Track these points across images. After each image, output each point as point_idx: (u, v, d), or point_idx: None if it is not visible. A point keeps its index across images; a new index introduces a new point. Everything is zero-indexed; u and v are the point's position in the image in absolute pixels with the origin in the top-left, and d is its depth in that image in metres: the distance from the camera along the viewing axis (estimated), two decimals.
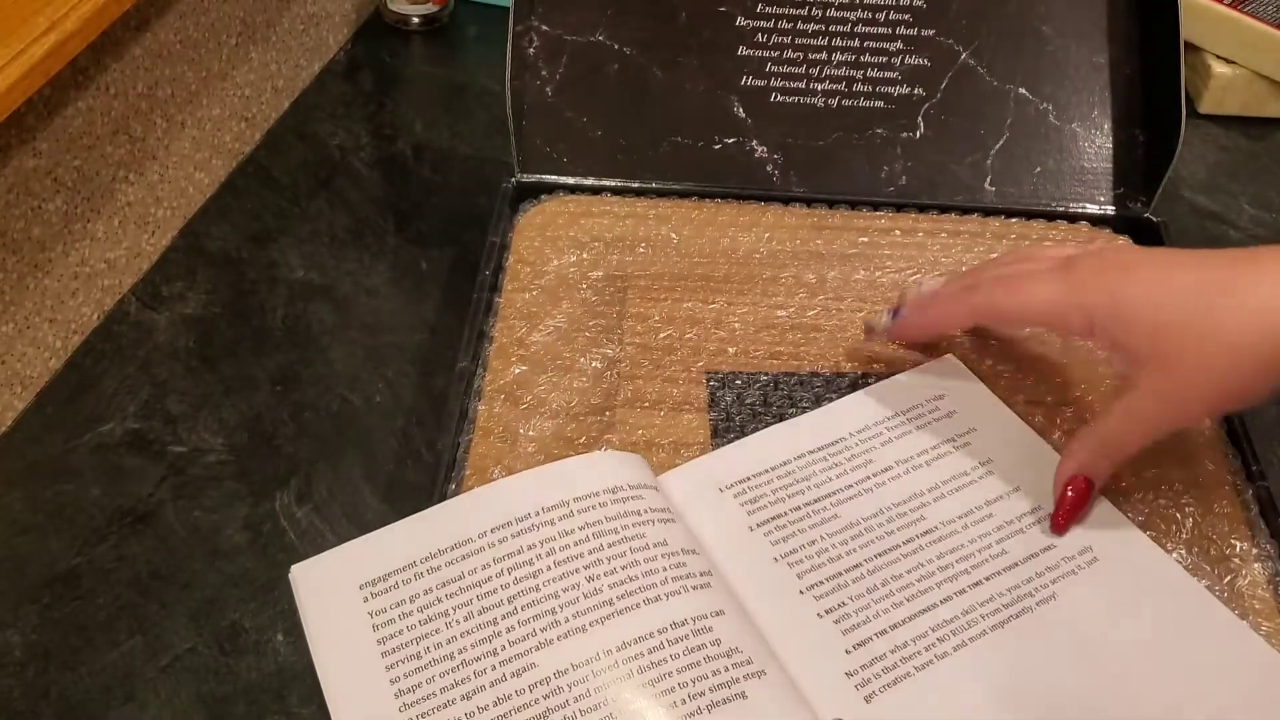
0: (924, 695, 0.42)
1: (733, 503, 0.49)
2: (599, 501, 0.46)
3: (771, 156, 0.66)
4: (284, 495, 0.57)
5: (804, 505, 0.49)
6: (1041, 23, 0.66)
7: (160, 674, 0.50)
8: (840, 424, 0.52)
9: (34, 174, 0.58)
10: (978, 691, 0.42)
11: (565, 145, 0.66)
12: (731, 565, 0.46)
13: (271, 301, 0.66)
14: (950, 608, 0.45)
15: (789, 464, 0.50)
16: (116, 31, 0.62)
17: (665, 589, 0.43)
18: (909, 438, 0.51)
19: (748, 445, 0.51)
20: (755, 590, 0.45)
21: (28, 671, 0.50)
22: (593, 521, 0.45)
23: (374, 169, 0.76)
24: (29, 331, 0.60)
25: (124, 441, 0.59)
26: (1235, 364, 0.43)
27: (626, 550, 0.44)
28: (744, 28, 0.66)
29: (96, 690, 0.49)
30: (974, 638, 0.44)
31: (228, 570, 0.54)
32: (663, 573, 0.44)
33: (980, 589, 0.46)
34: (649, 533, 0.45)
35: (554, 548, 0.44)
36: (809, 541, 0.47)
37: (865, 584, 0.46)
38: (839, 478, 0.50)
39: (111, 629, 0.51)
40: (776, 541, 0.47)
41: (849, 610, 0.45)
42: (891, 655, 0.43)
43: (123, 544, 0.54)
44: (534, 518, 0.45)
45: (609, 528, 0.45)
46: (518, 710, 0.40)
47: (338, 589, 0.44)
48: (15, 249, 0.58)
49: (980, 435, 0.52)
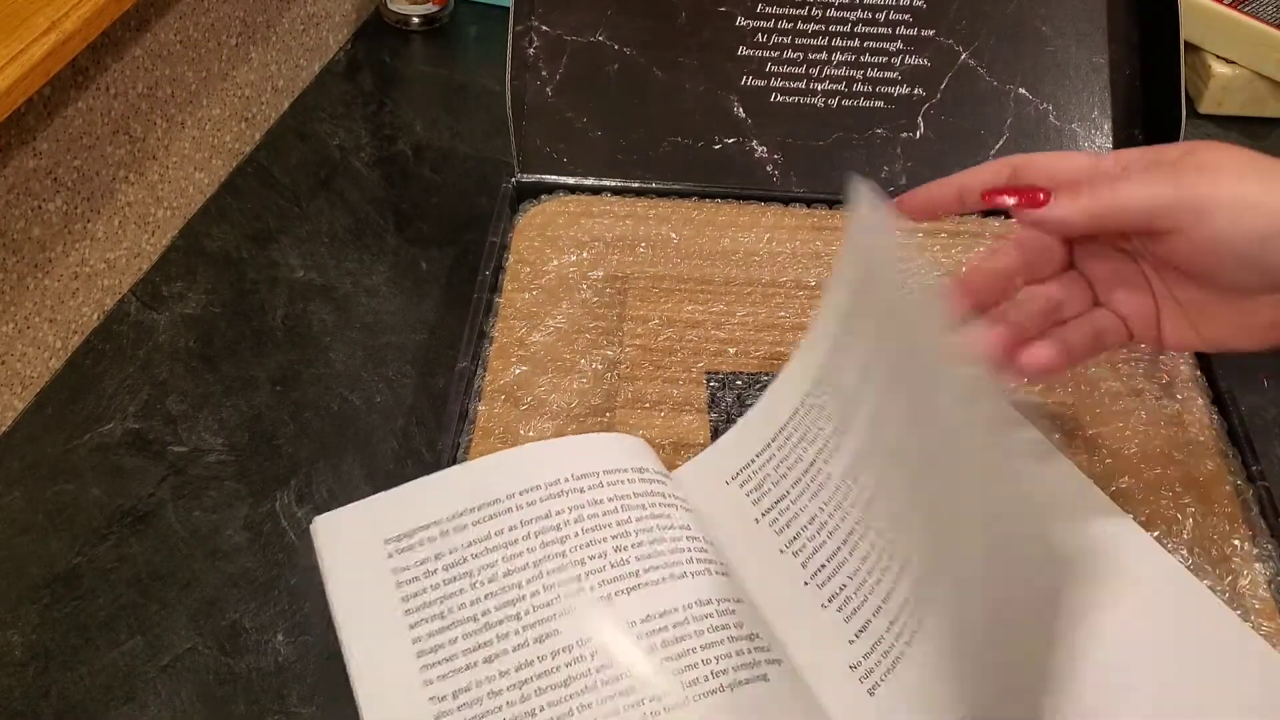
0: (919, 674, 0.42)
1: (739, 493, 0.48)
2: (627, 477, 0.45)
3: (772, 157, 0.66)
4: (284, 495, 0.57)
5: (801, 476, 0.48)
6: (1041, 23, 0.66)
7: (160, 674, 0.50)
8: (804, 377, 0.49)
9: (34, 174, 0.58)
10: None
11: (565, 145, 0.66)
12: (741, 559, 0.46)
13: (272, 302, 0.66)
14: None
15: (780, 434, 0.49)
16: (116, 31, 0.62)
17: (690, 568, 0.43)
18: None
19: (743, 429, 0.51)
20: (763, 584, 0.45)
21: (28, 671, 0.50)
22: (622, 495, 0.45)
23: (374, 169, 0.76)
24: (29, 331, 0.60)
25: (124, 441, 0.59)
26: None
27: (654, 526, 0.44)
28: (744, 28, 0.66)
29: (96, 690, 0.49)
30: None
31: (228, 570, 0.54)
32: (688, 553, 0.43)
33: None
34: (674, 516, 0.45)
35: (583, 514, 0.44)
36: (809, 520, 0.46)
37: (860, 553, 0.45)
38: (821, 431, 0.47)
39: (112, 629, 0.51)
40: (781, 529, 0.47)
41: (849, 594, 0.44)
42: (888, 635, 0.43)
43: (123, 544, 0.54)
44: (564, 484, 0.45)
45: (636, 503, 0.44)
46: (540, 676, 0.40)
47: (361, 543, 0.43)
48: (15, 249, 0.58)
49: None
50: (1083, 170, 0.43)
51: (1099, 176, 0.42)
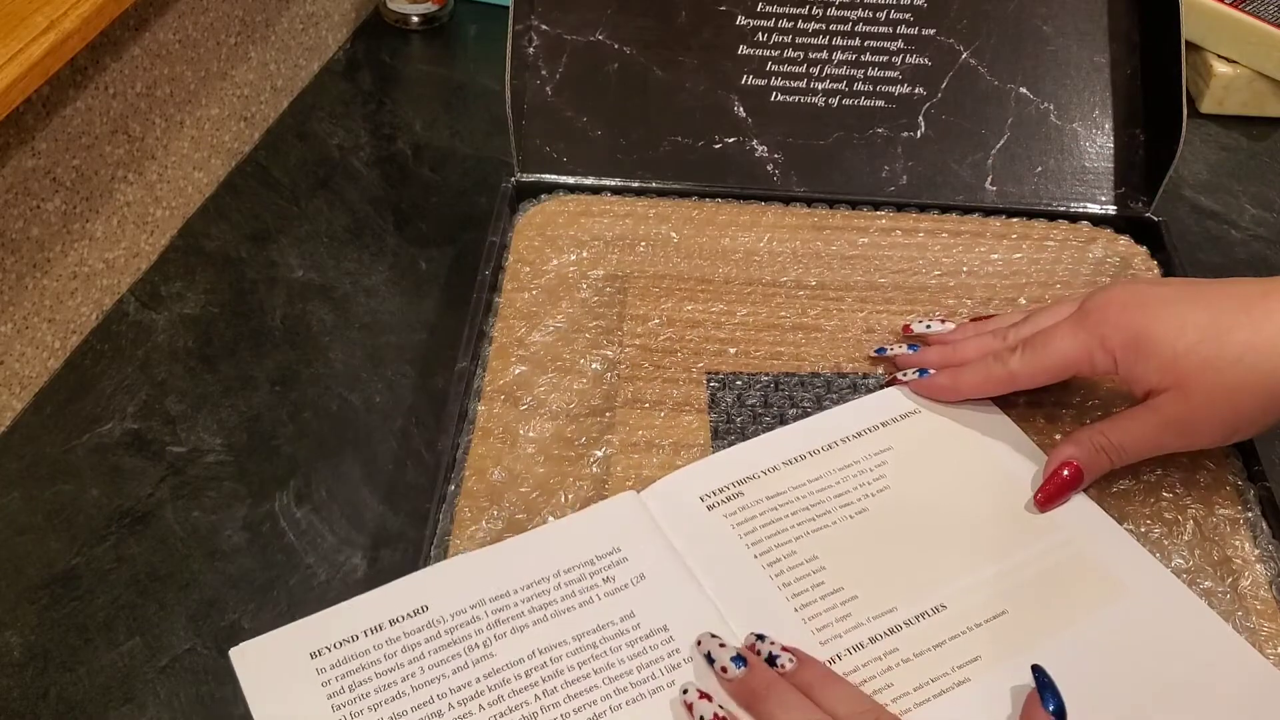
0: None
1: (717, 516, 0.48)
2: (564, 579, 0.46)
3: (772, 156, 0.66)
4: (283, 496, 0.56)
5: (791, 517, 0.49)
6: (1042, 22, 0.66)
7: (159, 675, 0.50)
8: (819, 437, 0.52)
9: (33, 174, 0.58)
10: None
11: (565, 145, 0.66)
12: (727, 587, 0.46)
13: (271, 301, 0.66)
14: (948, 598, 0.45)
15: (775, 471, 0.50)
16: (115, 31, 0.61)
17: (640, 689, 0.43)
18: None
19: (730, 453, 0.51)
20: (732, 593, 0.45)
21: (26, 672, 0.50)
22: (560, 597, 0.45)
23: (373, 169, 0.76)
24: (28, 331, 0.60)
25: (123, 442, 0.59)
26: (1247, 394, 0.45)
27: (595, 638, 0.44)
28: (744, 27, 0.66)
29: (95, 691, 0.49)
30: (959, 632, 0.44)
31: (227, 571, 0.53)
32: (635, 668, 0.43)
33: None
34: (612, 606, 0.45)
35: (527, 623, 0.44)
36: (794, 550, 0.47)
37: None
38: (833, 495, 0.50)
39: (110, 629, 0.51)
40: (766, 551, 0.47)
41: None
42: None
43: (122, 544, 0.54)
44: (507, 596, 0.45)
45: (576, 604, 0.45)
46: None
47: (286, 662, 0.43)
48: (14, 249, 0.58)
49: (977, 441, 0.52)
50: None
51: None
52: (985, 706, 0.42)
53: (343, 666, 0.42)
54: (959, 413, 0.53)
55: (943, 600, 0.45)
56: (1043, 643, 0.44)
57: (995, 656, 0.43)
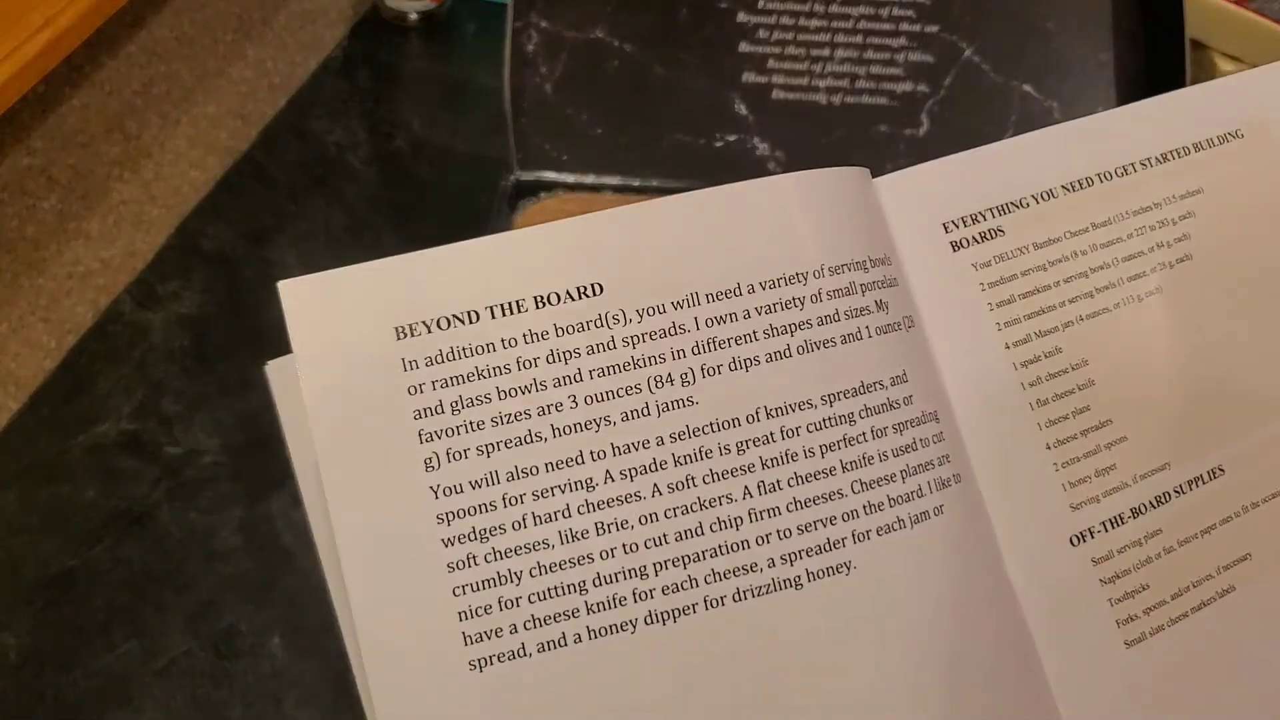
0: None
1: (964, 263, 0.33)
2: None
3: (773, 154, 0.66)
4: (280, 497, 0.56)
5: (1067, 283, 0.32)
6: (1046, 19, 0.66)
7: (156, 677, 0.49)
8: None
9: (28, 172, 0.57)
10: None
11: (565, 142, 0.65)
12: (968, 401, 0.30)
13: (268, 301, 0.66)
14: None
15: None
16: (112, 28, 0.61)
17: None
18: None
19: (993, 150, 0.36)
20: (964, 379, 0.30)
21: (22, 674, 0.49)
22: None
23: (371, 167, 0.75)
24: (23, 331, 0.59)
25: (119, 442, 0.58)
26: None
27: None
28: (745, 24, 0.66)
29: (91, 693, 0.49)
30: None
31: (224, 572, 0.53)
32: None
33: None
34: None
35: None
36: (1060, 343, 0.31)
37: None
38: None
39: (107, 631, 0.51)
40: (1023, 341, 0.31)
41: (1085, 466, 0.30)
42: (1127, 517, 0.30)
43: (118, 546, 0.54)
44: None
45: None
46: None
47: (355, 326, 0.28)
48: (9, 248, 0.57)
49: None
50: None
51: None
52: (1250, 630, 0.29)
53: (431, 357, 0.28)
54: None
55: (1222, 461, 0.31)
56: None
57: (1274, 557, 0.30)
